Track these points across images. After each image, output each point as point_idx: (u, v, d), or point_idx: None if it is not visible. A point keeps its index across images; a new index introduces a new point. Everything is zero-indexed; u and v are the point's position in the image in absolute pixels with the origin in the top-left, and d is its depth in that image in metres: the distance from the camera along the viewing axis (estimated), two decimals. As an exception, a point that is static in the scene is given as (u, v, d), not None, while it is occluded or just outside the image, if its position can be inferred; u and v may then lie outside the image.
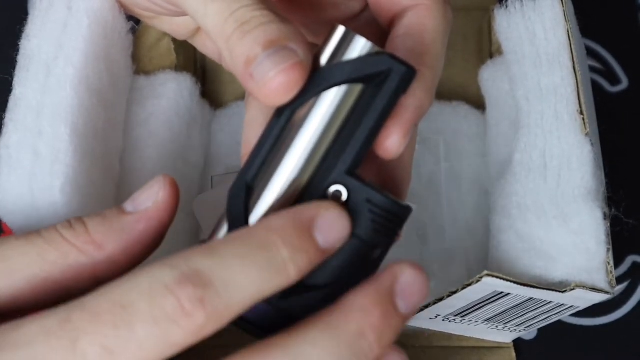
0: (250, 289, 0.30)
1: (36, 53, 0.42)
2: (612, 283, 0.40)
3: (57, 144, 0.40)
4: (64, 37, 0.42)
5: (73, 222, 0.33)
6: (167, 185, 0.34)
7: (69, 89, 0.41)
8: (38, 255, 0.33)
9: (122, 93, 0.48)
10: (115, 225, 0.33)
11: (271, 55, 0.31)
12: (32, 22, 0.43)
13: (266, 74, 0.31)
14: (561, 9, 0.45)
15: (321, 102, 0.32)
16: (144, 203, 0.34)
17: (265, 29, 0.32)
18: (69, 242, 0.33)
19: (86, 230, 0.33)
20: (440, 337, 0.48)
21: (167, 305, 0.29)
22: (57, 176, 0.40)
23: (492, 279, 0.40)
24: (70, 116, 0.41)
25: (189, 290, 0.29)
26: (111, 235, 0.33)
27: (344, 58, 0.32)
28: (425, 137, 0.52)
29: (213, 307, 0.29)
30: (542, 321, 0.45)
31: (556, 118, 0.43)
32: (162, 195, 0.34)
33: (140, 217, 0.34)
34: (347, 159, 0.32)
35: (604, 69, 0.58)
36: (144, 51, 0.51)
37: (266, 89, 0.31)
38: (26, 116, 0.41)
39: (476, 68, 0.53)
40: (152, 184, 0.34)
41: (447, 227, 0.49)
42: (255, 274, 0.30)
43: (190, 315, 0.29)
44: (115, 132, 0.47)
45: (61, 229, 0.33)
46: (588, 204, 0.40)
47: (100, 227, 0.33)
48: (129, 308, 0.29)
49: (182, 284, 0.29)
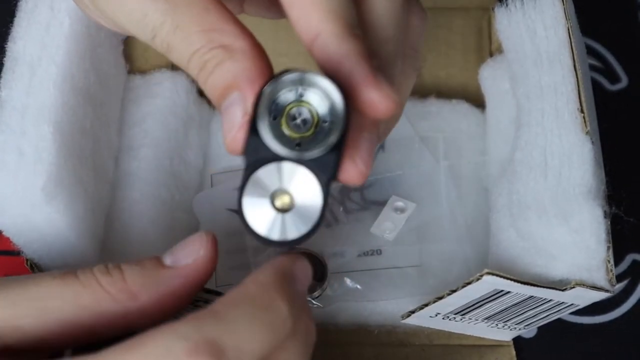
0: (258, 349, 0.31)
1: (21, 55, 0.42)
2: (612, 281, 0.40)
3: (40, 143, 0.40)
4: (47, 37, 0.43)
5: (110, 268, 0.34)
6: (209, 244, 0.35)
7: (52, 88, 0.42)
8: (73, 299, 0.33)
9: (113, 91, 0.48)
10: (152, 277, 0.34)
11: (224, 113, 0.33)
12: (18, 24, 0.43)
13: (225, 134, 0.33)
14: (561, 7, 0.45)
15: None
16: (184, 259, 0.34)
17: (217, 75, 0.33)
18: (104, 288, 0.33)
19: (123, 278, 0.33)
20: (440, 336, 0.48)
21: None
22: (40, 175, 0.40)
23: (493, 277, 0.40)
24: (53, 115, 0.41)
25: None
26: (147, 286, 0.33)
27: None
28: (425, 136, 0.52)
29: None
30: (542, 319, 0.45)
31: (557, 116, 0.43)
32: (203, 253, 0.34)
33: (179, 273, 0.34)
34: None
35: (603, 67, 0.58)
36: (139, 50, 0.51)
37: (227, 146, 0.33)
38: (11, 117, 0.41)
39: (476, 67, 0.53)
40: (193, 240, 0.35)
41: (446, 226, 0.49)
42: (263, 334, 0.31)
43: None
44: (106, 130, 0.47)
45: (97, 273, 0.33)
46: (588, 202, 0.40)
47: (137, 278, 0.33)
48: None
49: (198, 354, 0.29)
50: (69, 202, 0.41)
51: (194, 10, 0.33)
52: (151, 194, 0.48)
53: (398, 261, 0.49)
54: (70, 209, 0.41)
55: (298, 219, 0.32)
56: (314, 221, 0.32)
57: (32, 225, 0.41)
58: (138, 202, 0.47)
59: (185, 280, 0.34)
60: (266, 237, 0.32)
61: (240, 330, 0.30)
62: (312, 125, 0.32)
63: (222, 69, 0.33)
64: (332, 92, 0.32)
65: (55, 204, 0.40)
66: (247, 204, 0.32)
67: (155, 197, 0.48)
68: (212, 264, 0.35)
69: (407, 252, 0.49)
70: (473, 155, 0.51)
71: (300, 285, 0.34)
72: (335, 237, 0.49)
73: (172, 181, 0.49)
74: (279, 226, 0.32)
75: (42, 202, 0.40)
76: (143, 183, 0.48)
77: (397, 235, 0.49)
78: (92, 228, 0.44)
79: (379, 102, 0.32)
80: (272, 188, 0.32)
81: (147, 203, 0.48)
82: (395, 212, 0.49)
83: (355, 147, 0.33)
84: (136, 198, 0.48)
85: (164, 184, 0.49)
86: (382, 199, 0.50)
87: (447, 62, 0.55)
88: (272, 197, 0.32)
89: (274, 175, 0.32)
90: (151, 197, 0.48)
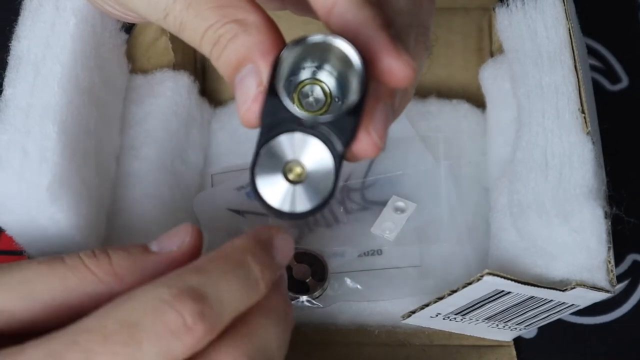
0: (235, 303, 0.32)
1: (25, 54, 0.42)
2: (613, 281, 0.40)
3: (44, 142, 0.40)
4: (52, 36, 0.43)
5: (97, 253, 0.34)
6: (194, 234, 0.36)
7: (56, 87, 0.42)
8: (59, 281, 0.33)
9: (116, 91, 0.48)
10: (138, 261, 0.35)
11: (238, 85, 0.33)
12: (22, 23, 0.43)
13: (239, 106, 0.33)
14: (562, 7, 0.45)
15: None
16: (169, 246, 0.35)
17: (231, 49, 0.33)
18: (90, 270, 0.34)
19: (109, 262, 0.34)
20: (440, 336, 0.48)
21: (171, 320, 0.30)
22: (45, 174, 0.40)
23: (493, 277, 0.40)
24: (58, 114, 0.41)
25: (190, 305, 0.31)
26: (133, 270, 0.34)
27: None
28: (425, 135, 0.52)
29: (210, 320, 0.31)
30: (542, 320, 0.45)
31: (557, 116, 0.43)
32: (188, 241, 0.35)
33: (164, 259, 0.35)
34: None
35: (604, 67, 0.58)
36: (141, 50, 0.51)
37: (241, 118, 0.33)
38: (15, 116, 0.41)
39: (476, 67, 0.53)
40: (179, 229, 0.36)
41: (446, 226, 0.49)
42: (238, 290, 0.32)
43: (191, 329, 0.31)
44: (109, 130, 0.47)
45: (84, 257, 0.34)
46: (589, 202, 0.40)
47: (123, 261, 0.34)
48: (136, 326, 0.30)
49: (182, 299, 0.31)
50: (72, 202, 0.41)
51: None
52: (152, 193, 0.48)
53: (398, 261, 0.49)
54: (74, 209, 0.41)
55: (311, 190, 0.32)
56: (326, 193, 0.32)
57: (35, 225, 0.41)
58: (139, 202, 0.47)
59: (169, 266, 0.34)
60: (278, 209, 0.32)
61: (219, 282, 0.32)
62: (324, 104, 0.32)
63: (236, 42, 0.33)
64: (352, 56, 0.31)
65: (59, 204, 0.40)
66: (259, 175, 0.32)
67: (156, 197, 0.48)
68: (196, 252, 0.36)
69: (408, 252, 0.49)
70: (473, 155, 0.51)
71: (279, 255, 0.35)
72: (335, 237, 0.49)
73: (173, 181, 0.49)
74: (291, 198, 0.32)
75: (47, 201, 0.40)
76: (144, 183, 0.48)
77: (398, 236, 0.49)
78: (95, 227, 0.44)
79: (399, 70, 0.32)
80: (284, 159, 0.32)
81: (148, 202, 0.48)
82: (396, 212, 0.49)
83: (371, 117, 0.33)
84: (137, 197, 0.48)
85: (165, 184, 0.49)
86: (383, 199, 0.50)
87: (448, 62, 0.55)
88: (285, 169, 0.32)
89: (287, 147, 0.32)
90: (152, 196, 0.48)
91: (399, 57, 0.32)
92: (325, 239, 0.49)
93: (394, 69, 0.32)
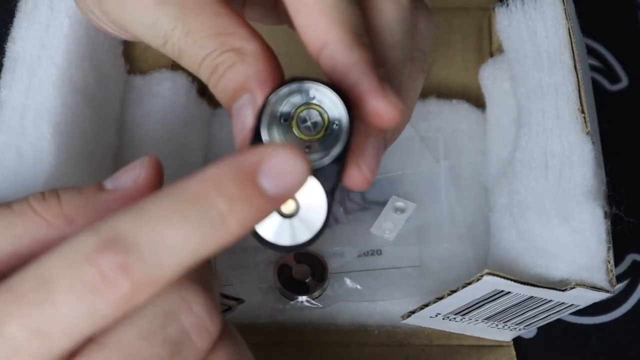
0: (183, 250, 0.27)
1: (21, 55, 0.43)
2: (613, 281, 0.40)
3: (39, 143, 0.41)
4: (47, 37, 0.43)
5: (46, 194, 0.31)
6: (150, 167, 0.32)
7: (51, 88, 0.42)
8: (5, 228, 0.31)
9: (112, 92, 0.48)
10: (90, 201, 0.31)
11: (235, 115, 0.33)
12: (18, 24, 0.43)
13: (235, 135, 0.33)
14: (562, 7, 0.45)
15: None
16: (124, 182, 0.32)
17: (228, 78, 0.33)
18: (38, 214, 0.31)
19: (59, 203, 0.31)
20: (440, 336, 0.48)
21: (87, 275, 0.26)
22: (39, 175, 0.40)
23: (493, 277, 0.40)
24: (53, 116, 0.41)
25: (109, 258, 0.26)
26: (84, 210, 0.31)
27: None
28: (425, 136, 0.52)
29: (140, 273, 0.27)
30: (542, 320, 0.45)
31: (557, 116, 0.43)
32: (144, 176, 0.32)
33: (118, 196, 0.32)
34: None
35: (604, 67, 0.58)
36: (139, 51, 0.51)
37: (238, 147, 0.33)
38: (11, 118, 0.41)
39: (476, 67, 0.53)
40: (135, 164, 0.32)
41: (446, 226, 0.49)
42: (187, 232, 0.27)
43: (112, 285, 0.26)
44: (105, 131, 0.47)
45: (32, 201, 0.31)
46: (589, 202, 0.40)
47: (74, 201, 0.31)
48: (50, 284, 0.27)
49: (102, 251, 0.27)
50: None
51: (205, 15, 0.33)
52: (151, 194, 0.48)
53: (398, 261, 0.49)
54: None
55: (303, 224, 0.32)
56: (318, 227, 0.32)
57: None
58: (138, 202, 0.47)
59: (124, 204, 0.31)
60: (273, 242, 0.32)
61: (157, 225, 0.27)
62: (322, 128, 0.33)
63: (234, 71, 0.33)
64: (338, 107, 0.32)
65: None
66: None
67: (155, 197, 0.48)
68: (154, 187, 0.33)
69: (407, 253, 0.49)
70: (473, 155, 0.51)
71: (270, 182, 0.28)
72: (335, 237, 0.49)
73: (172, 181, 0.49)
74: (285, 231, 0.32)
75: None
76: (143, 183, 0.48)
77: (397, 236, 0.49)
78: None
79: (385, 112, 0.32)
80: None
81: (147, 203, 0.48)
82: (396, 212, 0.49)
83: (361, 153, 0.33)
84: (136, 198, 0.48)
85: (164, 184, 0.49)
86: (382, 199, 0.50)
87: (447, 62, 0.55)
88: None
89: None
90: (151, 197, 0.48)
91: (386, 99, 0.31)
92: (325, 239, 0.49)
93: (381, 111, 0.32)
